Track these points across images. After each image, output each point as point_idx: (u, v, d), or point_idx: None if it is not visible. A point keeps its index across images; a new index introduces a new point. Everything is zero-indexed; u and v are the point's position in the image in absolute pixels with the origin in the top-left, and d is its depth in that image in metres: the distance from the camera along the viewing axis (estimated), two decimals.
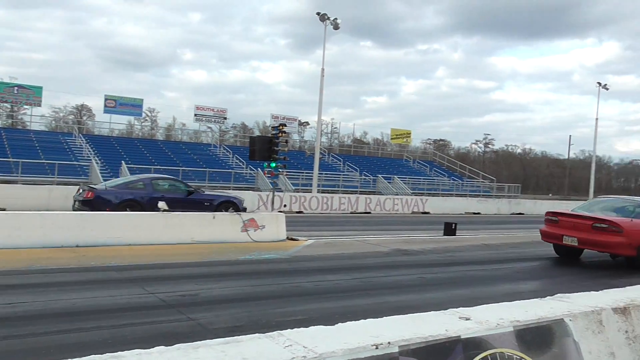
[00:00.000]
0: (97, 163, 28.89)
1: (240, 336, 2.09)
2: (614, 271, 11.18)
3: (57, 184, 22.85)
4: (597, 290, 3.43)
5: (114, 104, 37.40)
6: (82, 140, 33.87)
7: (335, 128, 72.17)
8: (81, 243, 10.41)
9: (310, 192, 28.07)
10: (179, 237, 11.63)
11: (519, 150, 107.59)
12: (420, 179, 41.80)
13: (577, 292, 3.51)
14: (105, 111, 37.89)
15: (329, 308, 6.70)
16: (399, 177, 39.45)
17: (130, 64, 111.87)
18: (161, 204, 12.00)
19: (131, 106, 38.40)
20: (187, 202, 15.94)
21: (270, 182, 18.81)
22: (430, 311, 2.66)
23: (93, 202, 14.80)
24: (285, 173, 20.87)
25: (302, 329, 2.09)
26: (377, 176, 38.85)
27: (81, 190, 15.90)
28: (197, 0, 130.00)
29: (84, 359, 1.85)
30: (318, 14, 27.51)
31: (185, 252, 10.56)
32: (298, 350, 1.93)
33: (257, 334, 2.06)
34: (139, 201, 15.40)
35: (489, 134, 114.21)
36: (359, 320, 2.44)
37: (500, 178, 54.26)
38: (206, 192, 17.69)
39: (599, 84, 42.65)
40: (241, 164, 35.60)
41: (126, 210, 14.62)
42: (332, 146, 59.65)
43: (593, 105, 42.82)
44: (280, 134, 16.67)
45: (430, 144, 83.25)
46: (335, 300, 7.18)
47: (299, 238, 13.42)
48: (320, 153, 35.07)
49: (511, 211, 32.76)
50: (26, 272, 8.07)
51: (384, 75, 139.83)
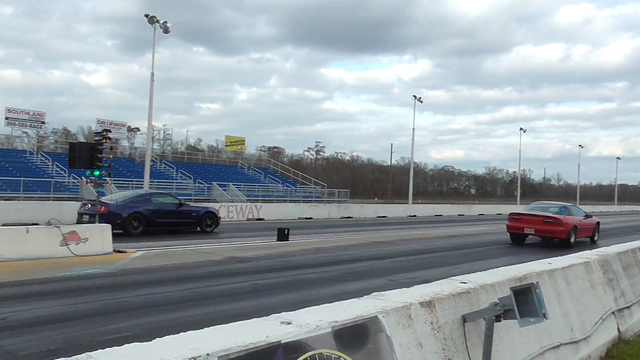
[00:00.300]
0: None
1: None
2: (405, 267, 12.28)
3: None
4: (409, 287, 3.73)
5: None
6: None
7: (168, 134, 70.00)
8: None
9: None
10: None
11: (347, 158, 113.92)
12: (255, 185, 42.19)
13: (393, 288, 3.78)
14: None
15: (158, 322, 6.44)
16: (234, 184, 39.38)
17: None
18: None
19: None
20: (178, 212, 18.87)
21: (96, 192, 17.54)
22: (262, 317, 2.68)
23: (107, 216, 16.05)
24: (111, 182, 19.65)
25: (114, 348, 1.96)
26: (212, 183, 38.40)
27: (90, 205, 17.33)
28: None
29: None
30: (147, 16, 26.39)
31: None
32: None
33: (62, 359, 1.89)
34: (143, 213, 17.56)
35: (320, 142, 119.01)
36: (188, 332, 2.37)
37: (330, 184, 56.89)
38: (191, 205, 21.54)
39: (415, 97, 46.88)
40: (63, 172, 32.80)
41: (133, 223, 17.18)
42: (164, 153, 57.68)
43: (410, 116, 47.02)
44: (104, 140, 15.69)
45: (264, 151, 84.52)
46: (166, 313, 6.92)
47: (127, 250, 12.72)
48: (152, 160, 33.70)
49: (340, 215, 34.45)
50: None
51: (217, 82, 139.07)
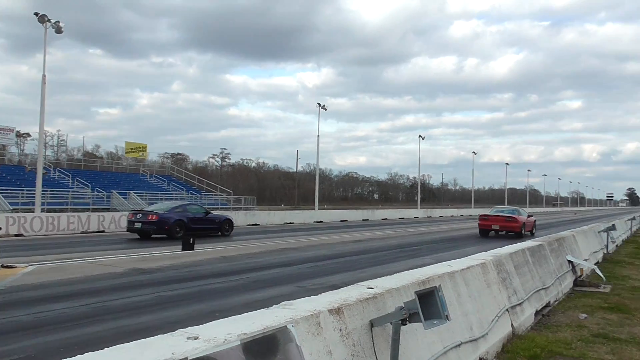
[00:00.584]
0: None
1: None
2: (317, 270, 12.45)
3: None
4: (317, 293, 3.75)
5: None
6: None
7: (63, 140, 66.39)
8: None
9: (33, 211, 25.08)
10: None
11: (253, 164, 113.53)
12: (158, 193, 40.87)
13: (302, 296, 3.78)
14: None
15: (52, 342, 6.02)
16: (135, 193, 37.92)
17: None
18: None
19: None
20: (206, 220, 22.64)
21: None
22: (167, 332, 2.57)
23: (157, 223, 20.43)
24: None
25: None
26: (112, 192, 36.73)
27: (141, 215, 21.01)
28: None
29: None
30: (36, 14, 24.81)
31: None
32: None
33: None
34: (183, 221, 21.18)
35: (225, 148, 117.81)
36: (86, 352, 2.22)
37: (237, 191, 56.30)
38: (214, 213, 24.63)
39: (319, 104, 47.61)
40: None
41: (177, 229, 20.70)
42: (59, 160, 54.48)
43: (315, 123, 47.61)
44: None
45: (167, 158, 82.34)
46: (61, 332, 6.48)
47: (16, 265, 11.80)
48: (45, 168, 31.67)
49: (247, 222, 34.11)
50: None
51: (116, 86, 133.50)
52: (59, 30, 25.34)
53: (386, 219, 47.84)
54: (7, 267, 11.58)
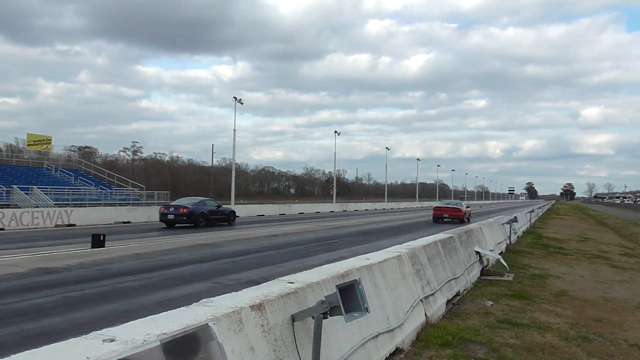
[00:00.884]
0: None
1: None
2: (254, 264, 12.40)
3: None
4: (235, 289, 3.70)
5: None
6: None
7: None
8: None
9: None
10: None
11: (167, 158, 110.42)
12: (64, 189, 38.79)
13: (220, 293, 3.72)
14: None
15: None
16: (38, 188, 35.76)
17: None
18: None
19: None
20: (219, 211, 26.79)
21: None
22: (77, 334, 2.43)
23: (187, 215, 24.30)
24: None
25: None
26: (12, 187, 34.39)
27: (173, 208, 24.86)
28: None
29: None
30: None
31: None
32: None
33: None
34: (205, 214, 25.20)
35: (137, 142, 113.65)
36: None
37: (149, 186, 54.54)
38: (223, 206, 28.69)
39: (235, 98, 46.99)
40: None
41: (201, 220, 24.80)
42: None
43: (231, 117, 47.15)
44: None
45: (75, 151, 78.30)
46: None
47: None
48: None
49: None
50: None
51: (16, 74, 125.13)
52: None
53: (303, 213, 48.14)
54: None
